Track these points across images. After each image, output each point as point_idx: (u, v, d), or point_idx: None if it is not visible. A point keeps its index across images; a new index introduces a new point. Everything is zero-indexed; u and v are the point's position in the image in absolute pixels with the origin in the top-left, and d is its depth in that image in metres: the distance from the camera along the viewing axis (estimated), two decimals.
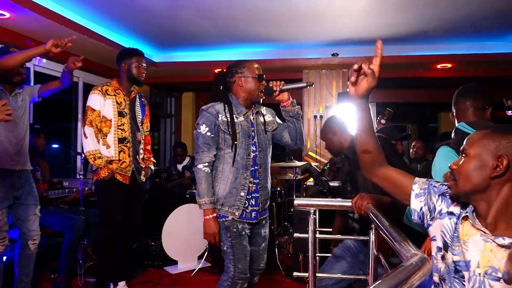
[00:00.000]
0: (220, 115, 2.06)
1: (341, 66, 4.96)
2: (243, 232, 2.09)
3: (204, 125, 2.05)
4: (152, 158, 3.14)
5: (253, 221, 2.13)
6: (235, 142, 2.04)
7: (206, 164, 2.04)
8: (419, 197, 1.19)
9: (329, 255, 2.65)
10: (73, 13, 3.50)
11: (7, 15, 3.03)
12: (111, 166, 2.78)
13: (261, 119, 2.22)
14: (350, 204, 1.71)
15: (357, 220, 2.40)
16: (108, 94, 2.81)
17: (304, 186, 4.95)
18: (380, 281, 0.72)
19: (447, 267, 1.10)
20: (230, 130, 2.05)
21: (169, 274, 3.59)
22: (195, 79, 5.54)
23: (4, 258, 2.65)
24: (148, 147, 3.16)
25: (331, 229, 2.68)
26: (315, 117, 5.05)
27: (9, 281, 2.72)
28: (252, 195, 2.10)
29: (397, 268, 0.80)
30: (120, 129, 2.82)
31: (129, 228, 2.97)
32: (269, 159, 2.22)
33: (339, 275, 2.42)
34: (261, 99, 2.16)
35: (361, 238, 2.22)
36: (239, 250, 2.05)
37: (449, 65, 4.81)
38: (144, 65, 2.89)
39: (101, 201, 2.86)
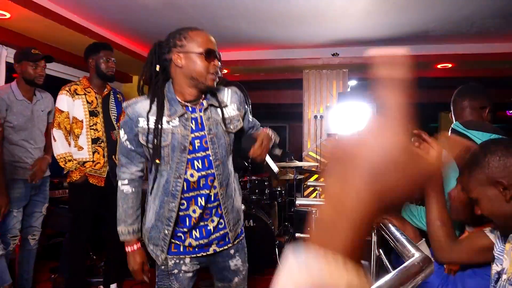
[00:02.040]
0: (141, 120, 1.44)
1: (341, 66, 4.96)
2: (175, 271, 1.55)
3: (122, 130, 1.49)
4: None
5: (203, 254, 1.58)
6: (157, 161, 1.44)
7: (126, 181, 1.52)
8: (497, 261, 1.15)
9: None
10: (73, 13, 3.49)
11: (7, 15, 3.03)
12: (84, 169, 2.69)
13: (218, 114, 1.52)
14: None
15: None
16: (77, 94, 2.68)
17: (304, 186, 4.95)
18: (381, 281, 0.71)
19: (492, 278, 1.12)
20: (152, 142, 1.42)
21: None
22: None
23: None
24: None
25: None
26: (315, 117, 5.05)
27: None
28: (200, 223, 1.54)
29: (399, 269, 0.80)
30: (93, 129, 2.72)
31: (113, 231, 2.94)
32: (231, 170, 1.61)
33: None
34: (212, 86, 1.47)
35: None
36: None
37: (449, 65, 4.81)
38: (113, 59, 2.75)
39: (71, 204, 2.82)
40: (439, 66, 4.86)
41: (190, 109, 1.48)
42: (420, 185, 0.36)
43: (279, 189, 4.38)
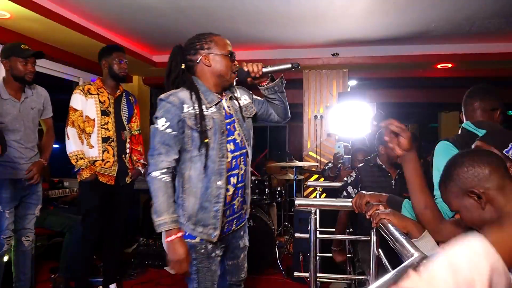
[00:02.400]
0: (185, 106, 1.58)
1: (341, 66, 4.96)
2: (213, 254, 1.66)
3: (163, 118, 1.56)
4: (142, 160, 3.04)
5: (227, 233, 1.73)
6: (205, 141, 1.58)
7: (164, 170, 1.55)
8: None
9: (330, 255, 2.65)
10: (73, 13, 3.50)
11: (7, 15, 3.03)
12: (94, 167, 2.73)
13: (236, 104, 1.75)
14: (349, 204, 1.71)
15: None
16: (91, 93, 2.76)
17: (304, 186, 4.95)
18: (381, 281, 0.72)
19: None
20: (199, 126, 1.57)
21: (169, 274, 3.59)
22: None
23: (6, 258, 2.65)
24: (139, 148, 3.06)
25: (331, 229, 2.68)
26: (315, 117, 5.05)
27: (8, 282, 2.72)
28: (231, 203, 1.69)
29: (398, 268, 0.80)
30: (104, 128, 2.77)
31: (114, 231, 2.95)
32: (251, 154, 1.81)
33: (339, 275, 2.43)
34: (234, 82, 1.75)
35: (362, 238, 2.22)
36: (206, 276, 1.65)
37: (449, 65, 4.81)
38: (125, 60, 2.82)
39: (81, 203, 2.84)
40: (439, 66, 4.86)
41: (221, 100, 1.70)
42: None
43: (279, 189, 4.39)
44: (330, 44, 4.58)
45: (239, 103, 1.76)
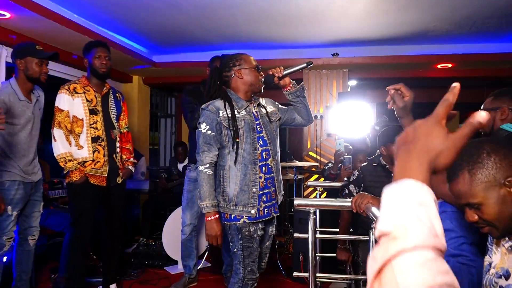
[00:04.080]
0: (221, 111, 2.00)
1: (341, 66, 4.96)
2: (255, 235, 2.03)
3: (204, 123, 1.99)
4: (132, 159, 2.98)
5: (267, 218, 2.08)
6: (237, 139, 1.98)
7: (208, 165, 1.97)
8: None
9: (330, 255, 2.65)
10: (73, 13, 3.50)
11: (7, 15, 3.03)
12: (84, 169, 2.66)
13: (263, 110, 2.17)
14: (349, 204, 1.71)
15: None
16: (77, 92, 2.66)
17: (304, 186, 4.95)
18: None
19: (484, 269, 1.12)
20: (232, 126, 1.98)
21: (169, 274, 3.59)
22: (195, 79, 5.50)
23: (5, 258, 2.65)
24: (129, 146, 2.99)
25: (331, 229, 2.67)
26: (316, 117, 5.05)
27: (8, 281, 2.71)
28: (264, 191, 2.04)
29: None
30: (93, 127, 2.69)
31: (112, 231, 2.92)
32: (278, 151, 2.19)
33: (339, 275, 2.42)
34: (262, 89, 2.13)
35: (361, 238, 2.22)
36: (249, 253, 2.01)
37: (449, 65, 4.81)
38: (105, 55, 2.71)
39: (71, 205, 2.77)
40: (439, 66, 4.85)
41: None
42: None
43: None
44: (330, 44, 4.59)
45: (266, 110, 2.16)
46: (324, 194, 3.84)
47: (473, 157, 0.97)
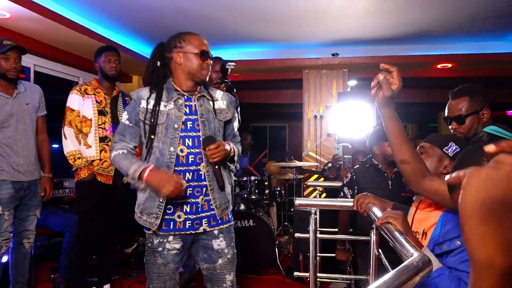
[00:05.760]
0: (142, 102, 1.72)
1: (341, 66, 4.96)
2: (160, 248, 1.74)
3: (126, 112, 1.77)
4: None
5: (188, 232, 1.75)
6: (152, 136, 1.70)
7: (118, 148, 1.73)
8: None
9: (330, 255, 2.65)
10: (73, 13, 3.50)
11: (7, 15, 3.03)
12: (92, 167, 2.75)
13: (210, 104, 1.80)
14: (350, 204, 1.71)
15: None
16: (87, 93, 2.78)
17: (304, 186, 4.95)
18: (380, 281, 0.72)
19: None
20: (150, 120, 1.69)
21: None
22: None
23: (5, 259, 2.64)
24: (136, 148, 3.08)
25: (331, 229, 2.68)
26: (315, 117, 5.05)
27: (5, 283, 2.70)
28: (187, 200, 1.72)
29: (398, 268, 0.80)
30: (101, 128, 2.79)
31: (110, 230, 2.95)
32: None
33: (339, 275, 2.43)
34: (205, 81, 1.79)
35: (362, 238, 2.22)
36: (152, 268, 1.77)
37: (449, 65, 4.81)
38: (114, 58, 2.82)
39: (79, 203, 2.84)
40: (439, 66, 4.86)
41: (185, 97, 1.77)
42: None
43: (278, 189, 4.39)
44: (330, 44, 4.59)
45: (213, 104, 1.80)
46: (324, 194, 3.84)
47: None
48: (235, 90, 2.68)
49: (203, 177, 1.74)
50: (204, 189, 1.74)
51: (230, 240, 1.84)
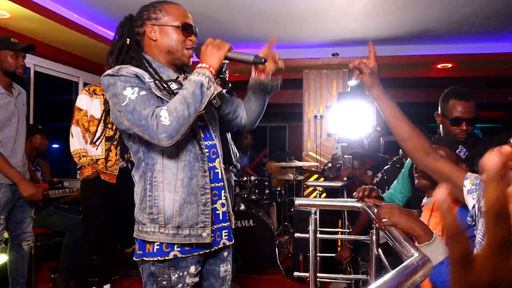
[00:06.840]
0: (146, 77, 1.25)
1: (341, 66, 4.96)
2: (180, 285, 1.26)
3: (129, 87, 1.19)
4: None
5: (213, 249, 1.33)
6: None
7: (159, 110, 1.17)
8: (471, 194, 1.06)
9: (330, 255, 2.65)
10: (73, 13, 3.50)
11: (7, 15, 3.03)
12: (96, 166, 2.79)
13: None
14: (350, 204, 1.71)
15: None
16: (96, 94, 2.83)
17: (304, 186, 4.95)
18: (381, 281, 0.72)
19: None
20: (169, 99, 1.23)
21: None
22: None
23: (4, 259, 2.63)
24: None
25: (331, 229, 2.68)
26: (315, 117, 5.05)
27: (4, 283, 2.69)
28: (214, 205, 1.33)
29: (398, 268, 0.80)
30: (108, 127, 2.81)
31: (112, 230, 2.96)
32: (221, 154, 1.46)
33: (339, 275, 2.42)
34: (188, 62, 1.38)
35: (362, 238, 2.22)
36: None
37: (449, 65, 4.81)
38: None
39: (83, 201, 2.88)
40: (439, 66, 4.86)
41: (184, 75, 1.38)
42: None
43: (278, 189, 4.39)
44: (330, 44, 4.59)
45: None
46: (324, 194, 3.84)
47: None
48: (231, 86, 2.48)
49: (220, 176, 1.35)
50: (222, 191, 1.35)
51: (232, 261, 1.47)
